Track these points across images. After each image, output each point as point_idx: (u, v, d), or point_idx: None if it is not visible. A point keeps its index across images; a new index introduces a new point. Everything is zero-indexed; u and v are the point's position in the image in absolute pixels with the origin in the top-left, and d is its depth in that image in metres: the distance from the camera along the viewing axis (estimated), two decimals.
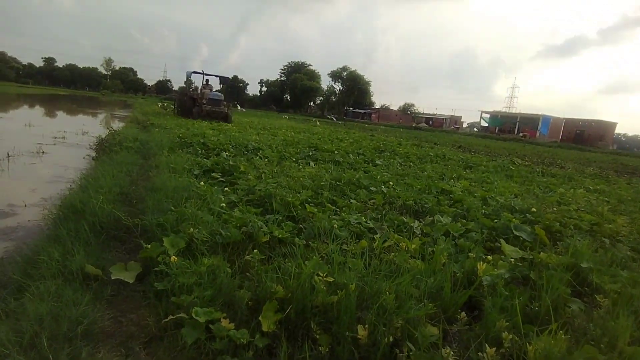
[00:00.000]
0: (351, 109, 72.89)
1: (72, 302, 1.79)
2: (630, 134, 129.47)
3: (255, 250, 2.41)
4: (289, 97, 79.61)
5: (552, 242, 3.28)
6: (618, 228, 3.75)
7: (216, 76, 20.66)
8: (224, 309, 1.88)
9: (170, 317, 1.73)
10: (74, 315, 1.70)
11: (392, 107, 78.82)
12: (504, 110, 70.15)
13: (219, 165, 5.16)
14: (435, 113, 74.95)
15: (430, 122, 67.20)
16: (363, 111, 71.74)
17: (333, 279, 2.08)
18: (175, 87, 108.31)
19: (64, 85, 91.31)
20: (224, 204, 3.22)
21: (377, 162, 7.62)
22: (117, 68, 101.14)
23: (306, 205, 3.49)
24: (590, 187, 7.10)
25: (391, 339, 1.75)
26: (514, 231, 3.28)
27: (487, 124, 61.10)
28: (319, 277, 2.05)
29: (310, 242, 2.73)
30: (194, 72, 19.31)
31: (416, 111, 76.43)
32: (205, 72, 19.25)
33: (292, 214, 3.33)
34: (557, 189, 6.32)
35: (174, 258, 2.16)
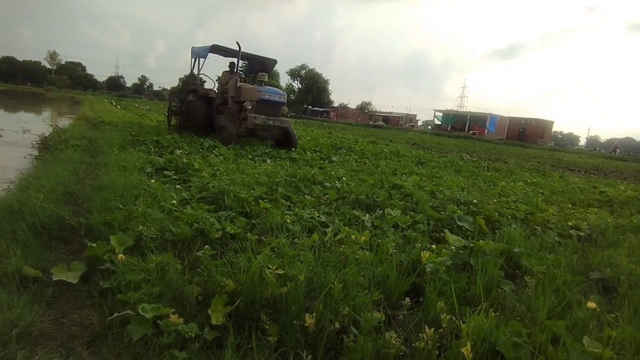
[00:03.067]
0: (310, 107, 73.08)
1: (7, 305, 1.72)
2: (565, 131, 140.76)
3: (207, 246, 2.41)
4: None
5: (492, 230, 3.53)
6: (549, 216, 4.10)
7: (249, 57, 10.80)
8: (173, 304, 1.88)
9: (116, 314, 1.71)
10: (9, 318, 1.63)
11: (350, 106, 79.96)
12: (455, 109, 73.32)
13: (172, 163, 5.04)
14: (391, 111, 76.99)
15: (402, 121, 69.03)
16: (322, 109, 72.15)
17: (283, 272, 2.14)
18: (129, 84, 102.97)
19: (2, 80, 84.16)
20: (175, 202, 3.17)
21: (333, 158, 7.75)
22: (63, 62, 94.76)
23: (260, 201, 3.51)
24: (528, 180, 7.66)
25: (338, 325, 1.83)
26: (457, 222, 3.49)
27: (440, 122, 63.70)
28: (269, 270, 2.10)
29: (262, 237, 2.76)
30: (214, 50, 9.89)
31: (373, 110, 78.02)
32: (234, 51, 9.61)
33: (246, 210, 3.34)
34: (500, 182, 6.77)
35: (121, 256, 2.12)
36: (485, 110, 60.10)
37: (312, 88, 75.06)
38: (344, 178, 5.06)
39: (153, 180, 3.77)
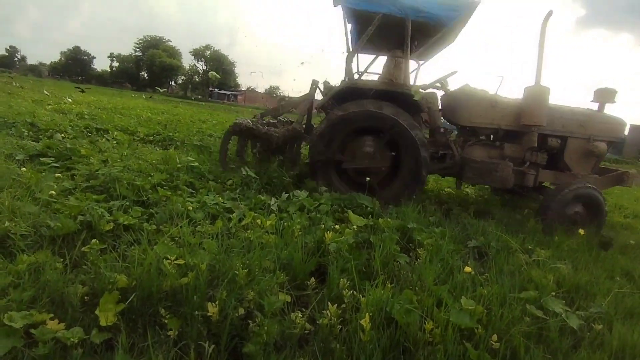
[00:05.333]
0: (216, 90, 70.07)
1: None
2: None
3: (94, 240, 2.16)
4: (146, 75, 71.97)
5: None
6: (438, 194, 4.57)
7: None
8: (52, 309, 1.66)
9: None
10: None
11: (258, 90, 78.62)
12: None
13: (52, 149, 4.38)
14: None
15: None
16: (229, 92, 69.70)
17: (184, 261, 2.03)
18: None
19: None
20: (54, 192, 2.78)
21: None
22: None
23: (159, 188, 3.27)
24: None
25: (242, 311, 1.81)
26: (358, 200, 3.67)
27: None
28: (168, 261, 1.98)
29: (161, 227, 2.58)
30: None
31: (281, 94, 77.91)
32: None
33: (142, 198, 3.08)
34: None
35: None
36: None
37: (217, 70, 72.01)
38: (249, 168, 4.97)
39: (25, 169, 3.24)
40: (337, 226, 2.97)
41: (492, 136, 4.66)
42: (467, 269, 2.23)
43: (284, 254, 2.35)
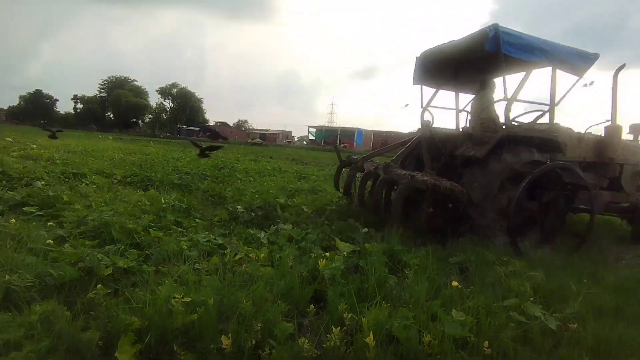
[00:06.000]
0: (184, 126, 69.77)
1: None
2: None
3: (99, 285, 2.22)
4: (112, 116, 70.87)
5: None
6: None
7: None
8: (69, 357, 1.71)
9: None
10: None
11: (228, 122, 78.94)
12: (326, 124, 78.34)
13: (33, 197, 4.33)
14: (268, 129, 78.50)
15: (279, 138, 70.09)
16: (197, 128, 69.52)
17: (191, 299, 2.12)
18: None
19: None
20: (50, 241, 2.79)
21: (217, 179, 7.65)
22: None
23: (150, 230, 3.33)
24: None
25: (254, 342, 1.92)
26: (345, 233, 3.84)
27: (314, 138, 67.96)
28: (176, 300, 2.06)
29: (160, 267, 2.66)
30: None
31: (250, 127, 78.74)
32: None
33: (136, 241, 3.14)
34: None
35: None
36: (353, 124, 66.07)
37: (185, 107, 72.20)
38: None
39: (13, 220, 3.23)
40: (327, 254, 3.11)
41: None
42: (454, 283, 2.43)
43: (281, 285, 2.47)
